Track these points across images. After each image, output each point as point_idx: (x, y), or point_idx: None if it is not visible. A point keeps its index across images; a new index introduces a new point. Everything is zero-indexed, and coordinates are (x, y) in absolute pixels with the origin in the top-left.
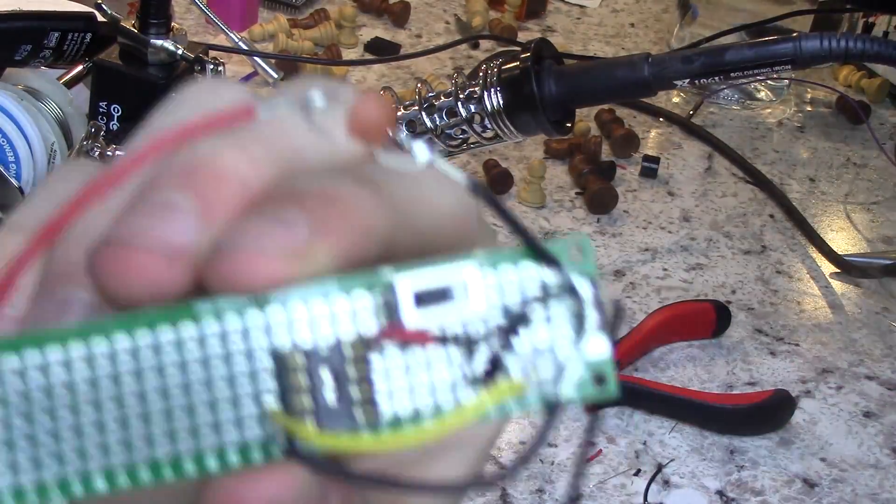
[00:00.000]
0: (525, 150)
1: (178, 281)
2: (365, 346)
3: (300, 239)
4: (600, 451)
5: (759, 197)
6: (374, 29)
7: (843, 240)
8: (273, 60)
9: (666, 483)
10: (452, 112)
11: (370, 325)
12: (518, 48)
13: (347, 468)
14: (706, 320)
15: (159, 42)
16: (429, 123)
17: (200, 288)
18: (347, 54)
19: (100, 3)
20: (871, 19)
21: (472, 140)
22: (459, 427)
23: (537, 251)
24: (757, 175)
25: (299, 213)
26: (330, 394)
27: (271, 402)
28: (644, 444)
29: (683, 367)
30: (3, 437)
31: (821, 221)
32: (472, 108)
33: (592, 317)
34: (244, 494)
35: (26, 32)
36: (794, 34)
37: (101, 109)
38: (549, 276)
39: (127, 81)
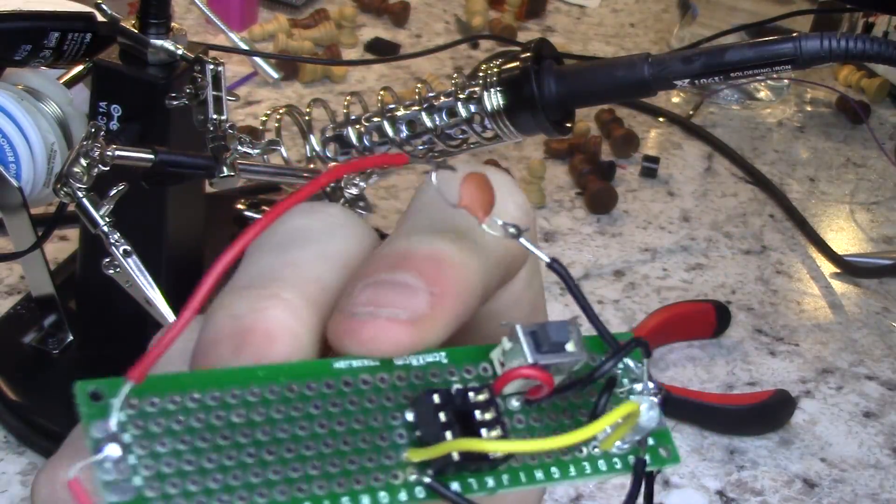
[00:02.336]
0: (525, 150)
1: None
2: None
3: (422, 305)
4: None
5: (759, 197)
6: (374, 29)
7: (843, 240)
8: (273, 60)
9: (666, 483)
10: (452, 112)
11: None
12: (518, 48)
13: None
14: (706, 320)
15: (159, 42)
16: (429, 123)
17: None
18: (347, 54)
19: (100, 3)
20: (871, 19)
21: (472, 140)
22: (580, 441)
23: (608, 338)
24: (757, 175)
25: (419, 280)
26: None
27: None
28: None
29: (683, 367)
30: (183, 466)
31: (821, 221)
32: (472, 108)
33: (654, 398)
34: None
35: (26, 32)
36: (794, 34)
37: (101, 109)
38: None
39: (127, 81)
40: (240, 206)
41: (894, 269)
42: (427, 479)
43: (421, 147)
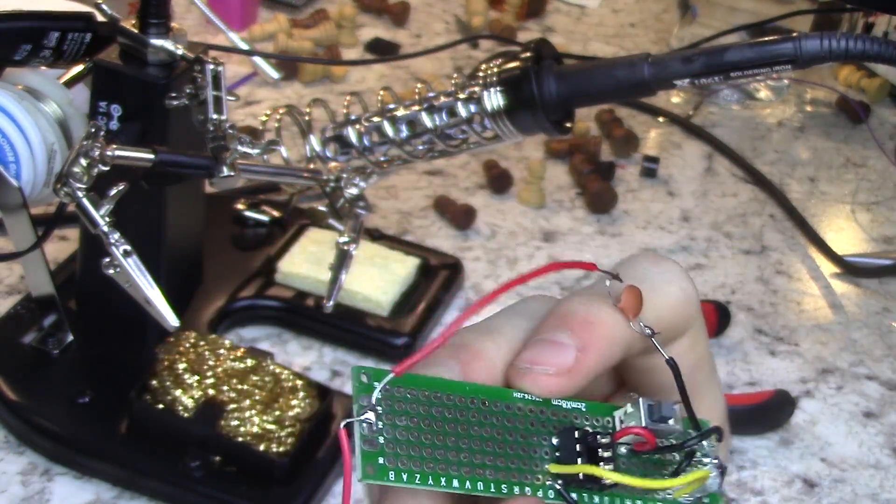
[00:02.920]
0: (525, 150)
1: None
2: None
3: (568, 360)
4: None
5: (759, 197)
6: (374, 29)
7: (843, 240)
8: (273, 60)
9: None
10: (452, 112)
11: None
12: (518, 48)
13: None
14: (706, 320)
15: (159, 42)
16: (429, 123)
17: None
18: (347, 54)
19: (100, 3)
20: (871, 19)
21: (472, 140)
22: (663, 488)
23: (696, 424)
24: (757, 175)
25: (571, 338)
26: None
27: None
28: None
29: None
30: (407, 438)
31: (821, 221)
32: (472, 108)
33: (719, 470)
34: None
35: (26, 32)
36: (794, 34)
37: (100, 109)
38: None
39: (127, 81)
40: (240, 206)
41: (894, 269)
42: (557, 486)
43: (421, 147)
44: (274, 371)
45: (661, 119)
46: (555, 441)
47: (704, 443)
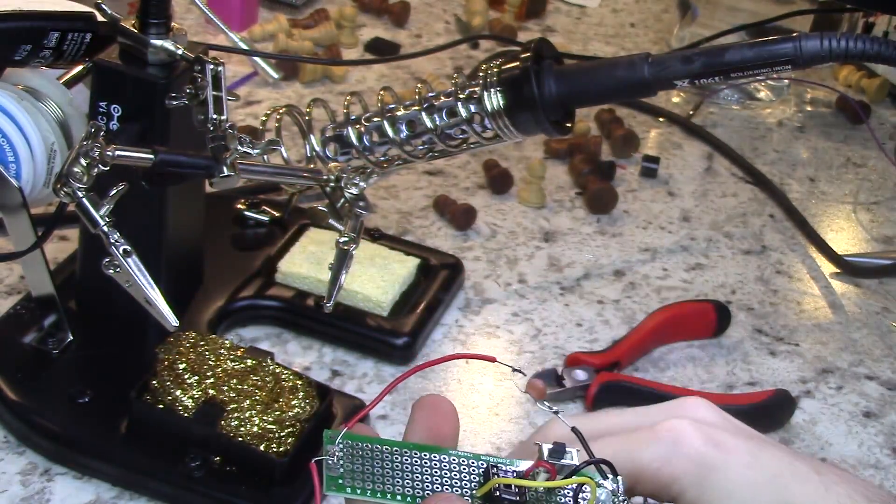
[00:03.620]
0: (525, 150)
1: None
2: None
3: None
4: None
5: (759, 197)
6: (374, 29)
7: (843, 240)
8: (273, 60)
9: None
10: (452, 112)
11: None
12: (518, 48)
13: None
14: (706, 320)
15: (159, 42)
16: (429, 123)
17: None
18: (347, 54)
19: (100, 3)
20: (871, 19)
21: (472, 140)
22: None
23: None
24: (757, 175)
25: None
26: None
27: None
28: None
29: (683, 367)
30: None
31: (821, 221)
32: (472, 108)
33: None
34: None
35: (26, 32)
36: (794, 34)
37: (101, 109)
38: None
39: (127, 81)
40: (240, 206)
41: (894, 269)
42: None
43: (421, 147)
44: (274, 371)
45: (661, 119)
46: (481, 471)
47: (600, 475)
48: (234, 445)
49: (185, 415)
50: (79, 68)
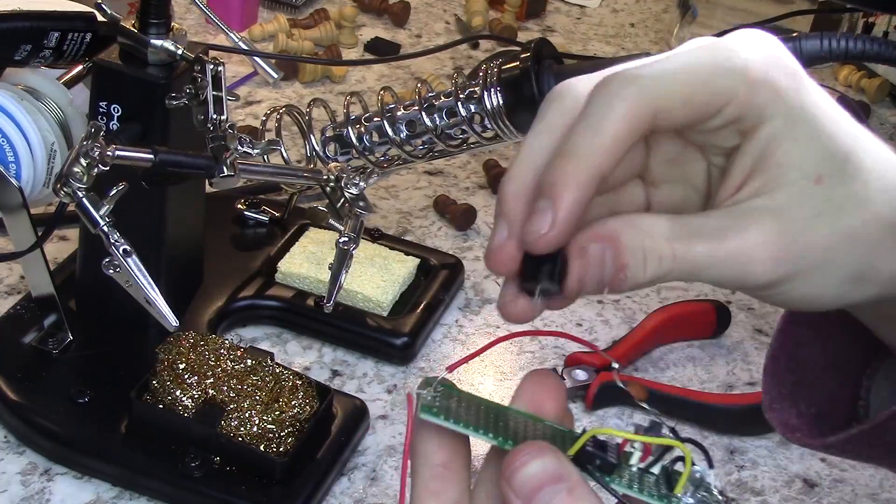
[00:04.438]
0: None
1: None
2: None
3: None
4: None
5: None
6: (374, 29)
7: None
8: (273, 60)
9: None
10: (452, 112)
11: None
12: (518, 48)
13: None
14: (706, 320)
15: (159, 42)
16: (429, 123)
17: None
18: (347, 54)
19: (100, 3)
20: (871, 19)
21: (472, 140)
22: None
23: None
24: None
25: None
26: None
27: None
28: None
29: (683, 367)
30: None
31: None
32: (472, 108)
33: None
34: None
35: (26, 32)
36: (794, 34)
37: (101, 109)
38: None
39: (127, 81)
40: (240, 206)
41: None
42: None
43: (421, 147)
44: (274, 371)
45: None
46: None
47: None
48: (234, 445)
49: (185, 415)
50: (79, 68)
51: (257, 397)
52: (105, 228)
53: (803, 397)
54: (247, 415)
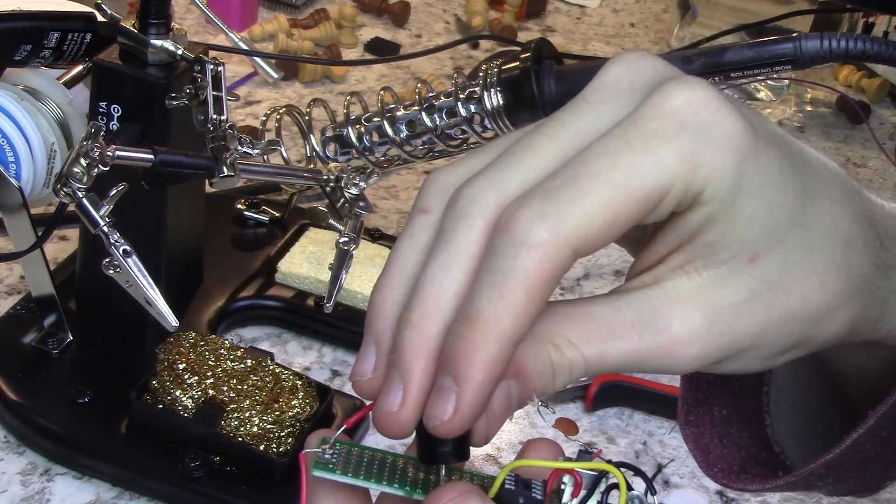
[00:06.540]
0: None
1: None
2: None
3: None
4: (600, 450)
5: None
6: (374, 29)
7: None
8: (273, 60)
9: (666, 483)
10: (452, 112)
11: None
12: (518, 48)
13: None
14: None
15: (159, 42)
16: (429, 123)
17: None
18: (347, 54)
19: (100, 3)
20: (871, 19)
21: (472, 140)
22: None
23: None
24: None
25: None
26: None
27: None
28: (644, 444)
29: None
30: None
31: None
32: (472, 108)
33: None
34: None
35: (26, 32)
36: (794, 34)
37: (101, 109)
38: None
39: (127, 81)
40: (240, 206)
41: None
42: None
43: (421, 147)
44: (274, 371)
45: None
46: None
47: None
48: (233, 445)
49: (185, 415)
50: (79, 68)
51: (257, 397)
52: (105, 228)
53: (724, 457)
54: (247, 415)
